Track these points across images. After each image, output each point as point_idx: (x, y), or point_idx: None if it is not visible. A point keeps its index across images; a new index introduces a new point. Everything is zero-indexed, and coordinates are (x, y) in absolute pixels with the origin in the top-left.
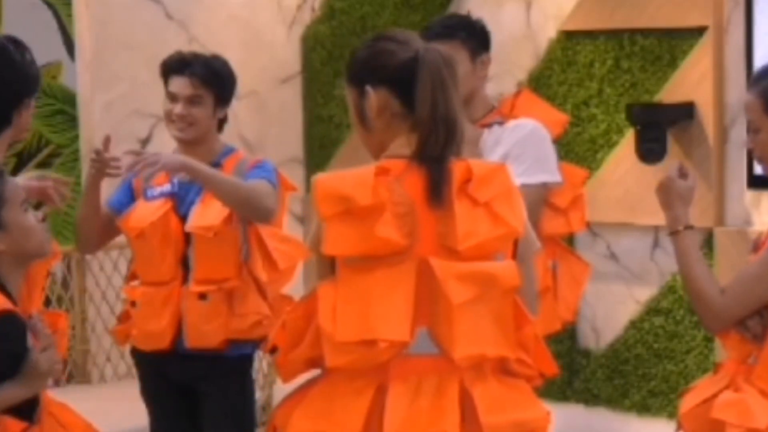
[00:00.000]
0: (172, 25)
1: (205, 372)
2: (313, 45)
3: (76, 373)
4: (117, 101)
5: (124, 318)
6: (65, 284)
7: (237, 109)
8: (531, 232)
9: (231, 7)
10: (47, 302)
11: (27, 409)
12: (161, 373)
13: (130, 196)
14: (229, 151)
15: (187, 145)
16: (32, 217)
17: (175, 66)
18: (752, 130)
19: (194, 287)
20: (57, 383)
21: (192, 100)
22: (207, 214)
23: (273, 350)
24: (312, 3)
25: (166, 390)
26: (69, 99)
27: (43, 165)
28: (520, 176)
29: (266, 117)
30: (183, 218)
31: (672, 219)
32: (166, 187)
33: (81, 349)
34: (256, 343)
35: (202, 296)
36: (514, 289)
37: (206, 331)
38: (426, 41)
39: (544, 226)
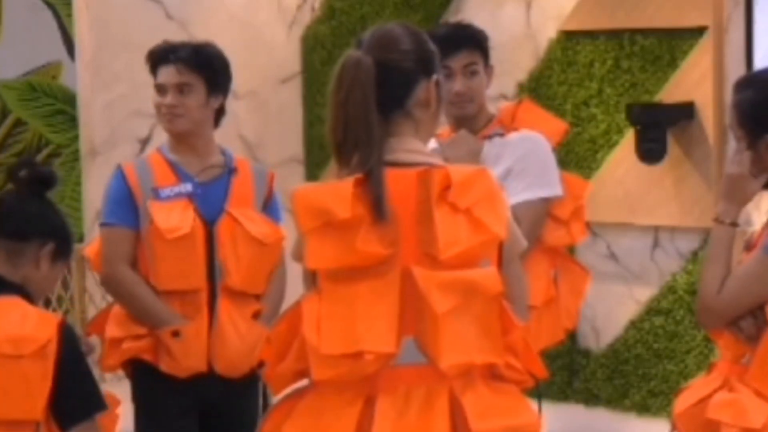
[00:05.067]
0: (172, 25)
1: (238, 391)
2: (313, 45)
3: None
4: (117, 101)
5: (127, 339)
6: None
7: (237, 109)
8: (516, 231)
9: (231, 7)
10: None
11: None
12: (189, 393)
13: (133, 205)
14: (230, 154)
15: (180, 138)
16: None
17: (160, 55)
18: (733, 135)
19: (229, 310)
20: None
21: (181, 89)
22: (260, 223)
23: (261, 364)
24: (312, 3)
25: (188, 408)
26: (69, 99)
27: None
28: (522, 192)
29: (266, 117)
30: (208, 223)
31: (725, 209)
32: (184, 187)
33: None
34: None
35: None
36: (497, 295)
37: (241, 364)
38: (452, 51)
39: (546, 238)
